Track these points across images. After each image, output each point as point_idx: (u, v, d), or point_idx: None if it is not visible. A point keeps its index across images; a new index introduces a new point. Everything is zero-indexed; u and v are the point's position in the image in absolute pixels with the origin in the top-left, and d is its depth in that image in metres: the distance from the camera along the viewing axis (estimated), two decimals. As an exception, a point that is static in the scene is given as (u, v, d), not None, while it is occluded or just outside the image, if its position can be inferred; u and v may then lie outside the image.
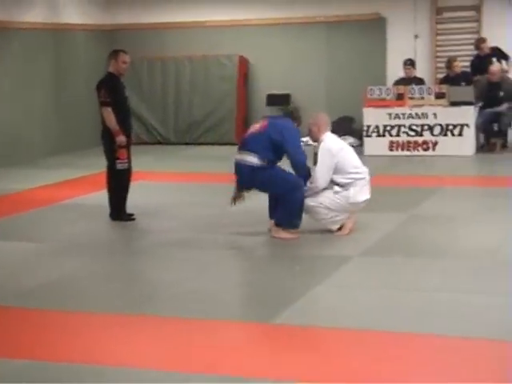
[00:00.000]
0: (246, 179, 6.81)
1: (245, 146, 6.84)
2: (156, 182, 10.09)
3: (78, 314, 5.03)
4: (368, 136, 11.85)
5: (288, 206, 6.68)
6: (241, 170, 6.82)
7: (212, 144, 13.81)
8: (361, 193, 6.84)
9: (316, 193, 6.77)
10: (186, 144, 13.92)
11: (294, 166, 6.78)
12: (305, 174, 6.81)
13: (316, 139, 6.94)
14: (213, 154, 12.96)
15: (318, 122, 6.94)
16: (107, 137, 7.56)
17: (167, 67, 14.31)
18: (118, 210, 7.69)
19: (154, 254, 6.56)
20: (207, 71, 14.06)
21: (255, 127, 6.91)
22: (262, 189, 6.88)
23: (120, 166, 7.54)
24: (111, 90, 7.53)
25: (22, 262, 6.45)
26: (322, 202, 6.78)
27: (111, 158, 7.59)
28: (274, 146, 6.73)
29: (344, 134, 13.20)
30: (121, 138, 7.48)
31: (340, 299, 5.18)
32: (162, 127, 14.37)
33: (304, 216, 6.82)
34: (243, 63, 14.00)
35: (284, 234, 6.76)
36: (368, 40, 13.29)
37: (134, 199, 7.96)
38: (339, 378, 3.96)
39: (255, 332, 4.65)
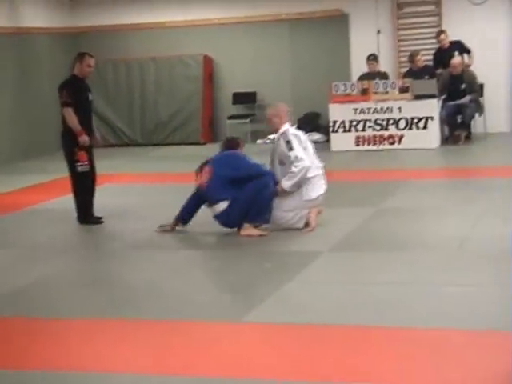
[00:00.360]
0: (229, 222, 6.84)
1: (208, 200, 6.88)
2: (123, 184, 10.07)
3: (57, 321, 5.00)
4: (334, 131, 11.93)
5: (259, 204, 6.73)
6: (219, 220, 6.86)
7: (179, 144, 13.80)
8: (313, 190, 6.89)
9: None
10: (154, 145, 13.90)
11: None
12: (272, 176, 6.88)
13: (277, 129, 6.98)
14: (180, 153, 12.95)
15: (280, 113, 6.98)
16: (67, 138, 7.51)
17: (132, 69, 14.27)
18: (85, 214, 7.66)
19: (125, 257, 6.54)
20: (172, 71, 14.05)
21: (203, 177, 6.89)
22: (244, 211, 6.78)
23: (81, 168, 7.50)
24: (74, 91, 7.50)
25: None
26: (281, 207, 6.83)
27: (71, 160, 7.54)
28: (232, 181, 6.75)
29: (311, 131, 13.28)
30: (84, 138, 7.43)
31: (311, 295, 5.22)
32: (128, 129, 14.33)
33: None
34: (208, 62, 14.00)
35: (254, 231, 6.80)
36: (331, 36, 13.38)
37: (102, 202, 7.93)
38: (313, 374, 3.99)
39: (229, 331, 4.67)
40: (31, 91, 13.18)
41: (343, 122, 11.84)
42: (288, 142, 6.82)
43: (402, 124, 11.60)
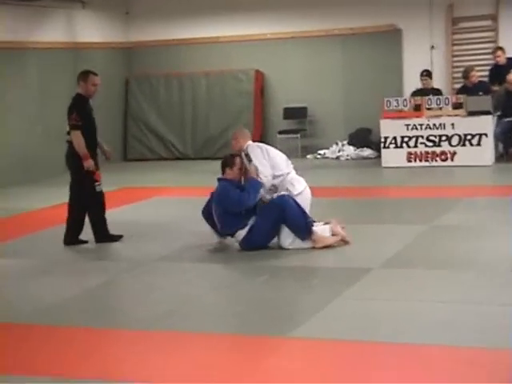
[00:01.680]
0: (254, 245, 6.84)
1: (225, 234, 7.03)
2: (172, 198, 10.08)
3: (106, 331, 5.02)
4: (386, 147, 11.79)
5: (291, 223, 6.73)
6: (243, 246, 6.89)
7: (229, 158, 13.78)
8: (295, 184, 6.99)
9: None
10: (204, 159, 13.94)
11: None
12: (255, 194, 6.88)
13: (239, 149, 7.26)
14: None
15: (236, 136, 7.38)
16: (78, 160, 7.41)
17: (184, 83, 14.38)
18: (103, 231, 7.51)
19: (169, 270, 6.51)
20: (223, 86, 14.11)
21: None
22: (269, 232, 6.86)
23: (98, 188, 7.43)
24: (82, 112, 7.46)
25: (35, 280, 6.44)
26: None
27: (86, 180, 7.38)
28: (233, 213, 6.82)
29: (362, 146, 13.19)
30: (89, 163, 7.36)
31: (360, 312, 5.12)
32: (179, 143, 14.42)
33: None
34: (259, 77, 14.02)
35: (330, 240, 6.76)
36: (384, 52, 13.27)
37: (150, 214, 7.95)
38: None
39: (275, 346, 4.61)
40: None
41: (395, 137, 11.70)
42: (247, 155, 7.09)
43: (455, 140, 11.41)
